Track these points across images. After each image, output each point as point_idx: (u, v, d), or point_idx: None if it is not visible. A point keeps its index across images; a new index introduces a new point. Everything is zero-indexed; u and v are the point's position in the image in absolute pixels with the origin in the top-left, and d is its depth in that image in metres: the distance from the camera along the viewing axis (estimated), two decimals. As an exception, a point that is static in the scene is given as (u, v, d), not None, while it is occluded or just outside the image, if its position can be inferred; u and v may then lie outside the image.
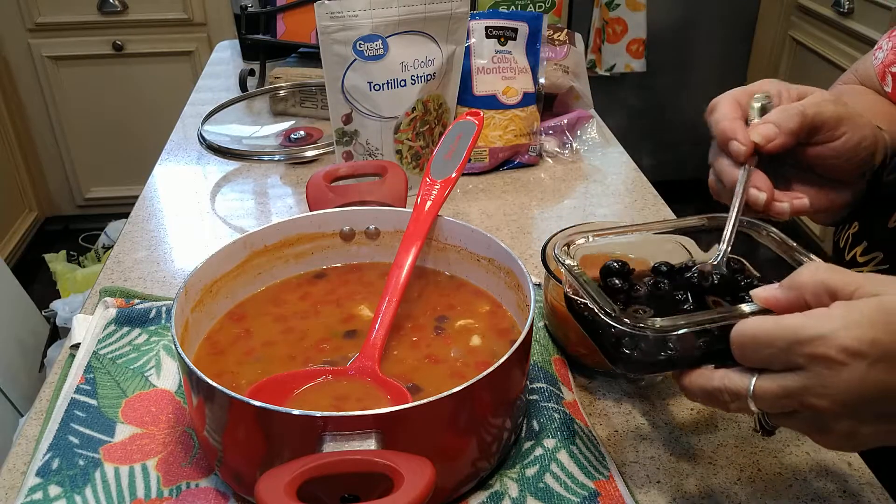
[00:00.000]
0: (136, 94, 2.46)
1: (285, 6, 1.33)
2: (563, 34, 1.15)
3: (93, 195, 2.62)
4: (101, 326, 0.70)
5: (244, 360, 0.60)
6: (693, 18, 2.55)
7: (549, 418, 0.59)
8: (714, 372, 0.45)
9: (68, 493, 0.53)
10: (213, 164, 1.08)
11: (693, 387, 0.45)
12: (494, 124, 1.02)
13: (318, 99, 1.20)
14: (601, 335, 0.49)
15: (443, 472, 0.45)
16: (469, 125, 0.71)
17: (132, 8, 2.34)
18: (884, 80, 0.72)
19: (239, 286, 0.66)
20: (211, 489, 0.54)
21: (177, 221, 0.95)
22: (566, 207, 0.98)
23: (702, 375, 0.45)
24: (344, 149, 0.94)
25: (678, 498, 0.55)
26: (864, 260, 0.60)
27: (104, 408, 0.61)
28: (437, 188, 0.67)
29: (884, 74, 0.72)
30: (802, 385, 0.40)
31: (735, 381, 0.43)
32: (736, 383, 0.43)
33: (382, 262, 0.71)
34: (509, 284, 0.64)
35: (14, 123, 2.43)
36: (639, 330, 0.45)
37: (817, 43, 2.31)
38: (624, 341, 0.47)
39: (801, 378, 0.40)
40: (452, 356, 0.60)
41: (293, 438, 0.47)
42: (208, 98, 1.31)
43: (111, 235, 2.26)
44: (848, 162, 0.57)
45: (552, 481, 0.54)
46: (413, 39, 0.90)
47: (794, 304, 0.43)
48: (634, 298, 0.50)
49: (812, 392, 0.40)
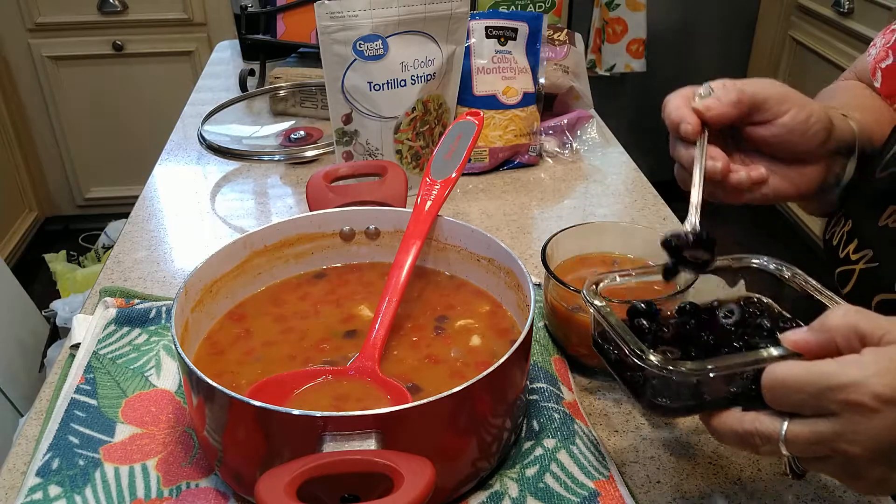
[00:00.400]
0: (136, 94, 2.46)
1: (285, 6, 1.33)
2: (563, 34, 1.15)
3: (93, 195, 2.62)
4: (101, 326, 0.70)
5: (244, 360, 0.60)
6: (693, 18, 2.55)
7: (549, 418, 0.59)
8: (744, 414, 0.44)
9: (68, 493, 0.53)
10: (213, 164, 1.08)
11: (723, 428, 0.45)
12: (494, 124, 1.02)
13: (318, 99, 1.20)
14: (630, 377, 0.49)
15: (443, 472, 0.45)
16: (469, 125, 0.71)
17: (132, 8, 2.34)
18: (874, 75, 0.74)
19: (239, 286, 0.66)
20: (211, 489, 0.54)
21: (177, 221, 0.95)
22: (566, 207, 0.98)
23: (731, 417, 0.45)
24: (344, 149, 0.94)
25: (678, 498, 0.55)
26: (856, 257, 0.61)
27: (104, 408, 0.61)
28: (437, 188, 0.67)
29: (874, 70, 0.74)
30: (834, 431, 0.40)
31: (766, 424, 0.43)
32: (767, 427, 0.43)
33: (382, 262, 0.71)
34: (509, 284, 0.64)
35: (14, 123, 2.43)
36: (669, 373, 0.45)
37: (817, 43, 2.31)
38: (653, 383, 0.47)
39: (834, 424, 0.40)
40: (452, 356, 0.60)
41: (293, 438, 0.47)
42: (208, 98, 1.31)
43: (111, 235, 2.26)
44: (802, 137, 0.60)
45: (552, 481, 0.54)
46: (413, 39, 0.90)
47: (823, 348, 0.43)
48: (662, 339, 0.50)
49: (844, 438, 0.40)
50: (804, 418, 0.42)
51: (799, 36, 2.42)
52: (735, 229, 2.75)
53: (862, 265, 0.60)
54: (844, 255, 0.62)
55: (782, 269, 0.54)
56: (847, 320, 0.42)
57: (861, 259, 0.60)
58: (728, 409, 0.45)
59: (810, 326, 0.44)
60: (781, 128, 0.60)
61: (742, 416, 0.44)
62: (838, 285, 0.62)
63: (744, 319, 0.51)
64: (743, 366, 0.45)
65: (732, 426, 0.45)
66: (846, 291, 0.61)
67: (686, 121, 0.59)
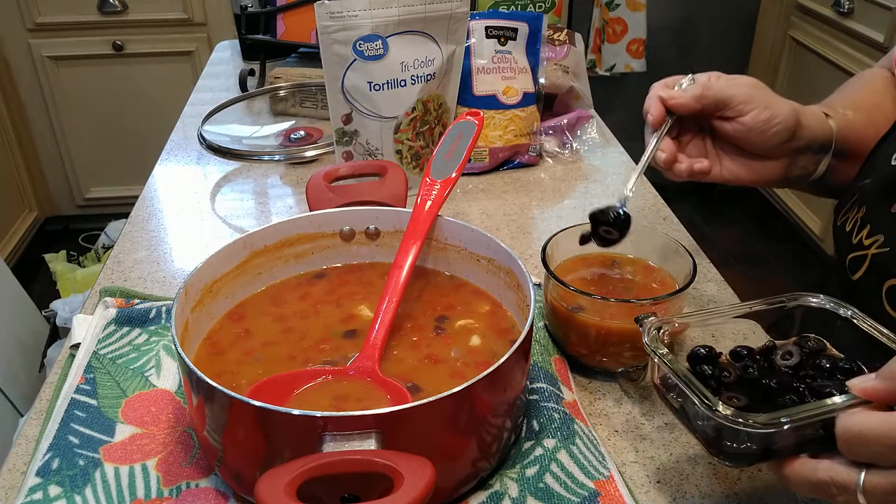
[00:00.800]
0: (136, 94, 2.46)
1: (285, 6, 1.33)
2: (563, 34, 1.15)
3: (93, 195, 2.62)
4: (101, 326, 0.70)
5: (244, 360, 0.60)
6: (693, 18, 2.56)
7: (549, 418, 0.59)
8: (818, 463, 0.44)
9: (68, 493, 0.53)
10: (213, 164, 1.08)
11: (797, 478, 0.45)
12: (494, 124, 1.03)
13: (318, 99, 1.20)
14: (700, 427, 0.48)
15: (443, 472, 0.45)
16: (469, 125, 0.71)
17: (132, 8, 2.34)
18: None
19: (239, 286, 0.66)
20: (211, 489, 0.54)
21: (177, 221, 0.95)
22: (566, 207, 0.98)
23: (804, 467, 0.45)
24: (344, 149, 0.94)
25: (678, 498, 0.55)
26: (868, 242, 0.62)
27: (104, 408, 0.61)
28: (437, 188, 0.67)
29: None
30: None
31: (842, 474, 0.43)
32: (844, 477, 0.43)
33: (382, 262, 0.71)
34: (509, 284, 0.64)
35: (14, 123, 2.43)
36: (740, 425, 0.45)
37: (817, 43, 2.31)
38: (723, 433, 0.46)
39: None
40: (452, 356, 0.60)
41: (293, 438, 0.47)
42: (208, 98, 1.31)
43: (111, 235, 2.26)
44: (761, 136, 0.66)
45: (552, 481, 0.54)
46: (413, 39, 0.90)
47: (893, 396, 0.43)
48: (725, 385, 0.50)
49: None
50: (882, 469, 0.41)
51: (799, 36, 2.42)
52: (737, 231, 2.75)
53: (874, 250, 0.60)
54: (857, 240, 0.63)
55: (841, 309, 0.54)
56: None
57: (873, 244, 0.61)
58: (798, 458, 0.45)
59: (879, 374, 0.43)
60: (741, 125, 0.67)
61: (815, 465, 0.44)
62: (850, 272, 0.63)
63: (802, 361, 0.51)
64: (814, 417, 0.44)
65: (806, 476, 0.45)
66: (857, 277, 0.62)
67: (650, 111, 0.68)
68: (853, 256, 0.63)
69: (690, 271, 0.64)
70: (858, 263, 0.62)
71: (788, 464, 0.45)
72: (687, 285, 0.64)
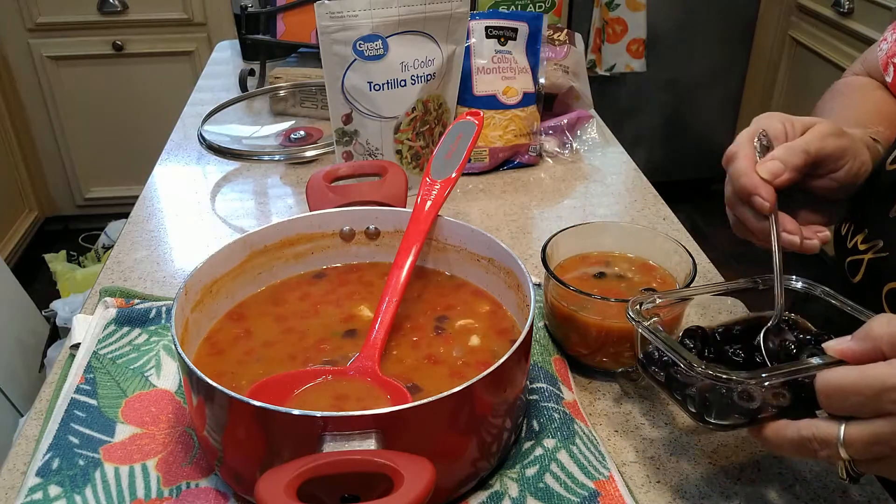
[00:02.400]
0: (136, 94, 2.46)
1: (285, 6, 1.33)
2: (563, 34, 1.15)
3: (93, 195, 2.62)
4: (101, 326, 0.70)
5: (244, 360, 0.60)
6: (693, 18, 2.55)
7: (549, 418, 0.59)
8: (799, 422, 0.46)
9: (68, 493, 0.53)
10: (213, 164, 1.08)
11: (778, 438, 0.46)
12: (494, 124, 1.02)
13: (318, 99, 1.20)
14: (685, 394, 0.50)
15: (443, 472, 0.45)
16: (469, 125, 0.71)
17: (132, 8, 2.34)
18: (886, 70, 0.75)
19: (239, 286, 0.66)
20: (211, 489, 0.54)
21: (177, 221, 0.95)
22: (566, 207, 0.98)
23: (787, 427, 0.46)
24: (344, 149, 0.94)
25: (678, 498, 0.55)
26: (864, 247, 0.62)
27: (104, 408, 0.61)
28: (437, 188, 0.67)
29: (886, 65, 0.74)
30: (894, 430, 0.42)
31: (823, 429, 0.44)
32: (824, 431, 0.44)
33: (382, 262, 0.71)
34: (509, 284, 0.64)
35: (14, 123, 2.43)
36: (724, 382, 0.46)
37: (817, 43, 2.31)
38: (708, 397, 0.48)
39: (893, 423, 0.42)
40: (453, 356, 0.60)
41: (293, 438, 0.47)
42: (208, 98, 1.31)
43: (111, 235, 2.26)
44: (848, 187, 0.61)
45: (552, 481, 0.54)
46: (413, 39, 0.90)
47: (868, 355, 0.44)
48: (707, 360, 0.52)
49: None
50: (862, 420, 0.43)
51: (799, 36, 2.42)
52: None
53: (871, 255, 0.61)
54: (852, 244, 0.63)
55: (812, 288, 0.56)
56: (892, 328, 0.43)
57: (870, 249, 0.61)
58: (778, 420, 0.47)
59: (854, 335, 0.45)
60: (834, 181, 0.60)
61: (797, 424, 0.46)
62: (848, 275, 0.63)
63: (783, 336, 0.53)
64: (793, 374, 0.46)
65: (788, 435, 0.46)
66: (856, 281, 0.62)
67: (762, 197, 0.56)
68: (850, 260, 0.63)
69: (691, 271, 0.65)
70: (856, 268, 0.62)
71: (770, 427, 0.47)
72: (687, 285, 0.64)
